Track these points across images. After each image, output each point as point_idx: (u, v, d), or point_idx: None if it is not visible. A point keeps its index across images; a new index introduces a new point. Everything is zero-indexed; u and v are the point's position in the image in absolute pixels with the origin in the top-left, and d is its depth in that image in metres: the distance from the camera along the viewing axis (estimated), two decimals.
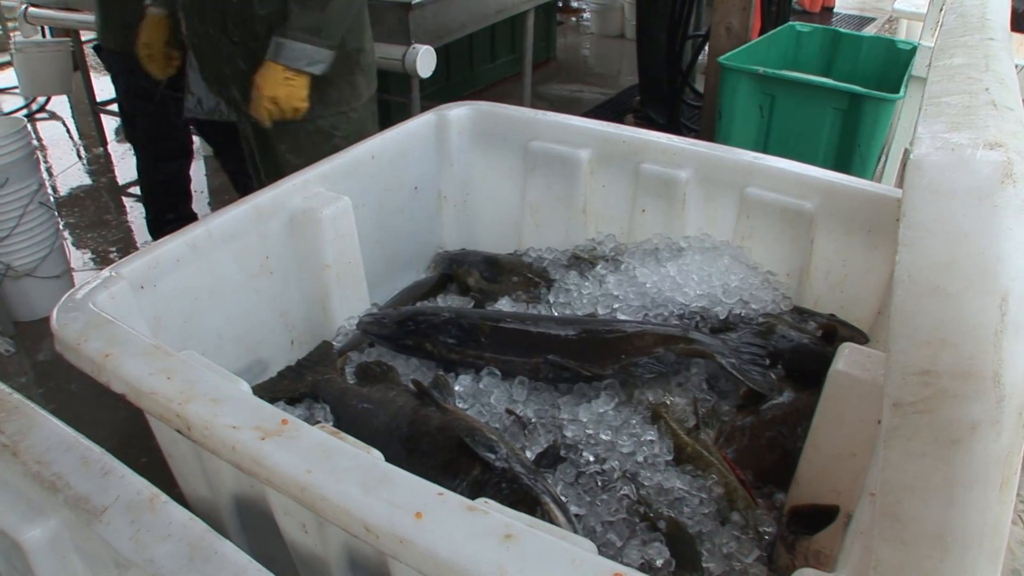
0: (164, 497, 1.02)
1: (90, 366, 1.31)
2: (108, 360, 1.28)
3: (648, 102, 5.06)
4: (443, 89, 3.92)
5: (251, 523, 1.39)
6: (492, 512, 0.94)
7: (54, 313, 1.42)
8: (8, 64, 7.01)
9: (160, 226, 3.67)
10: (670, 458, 1.47)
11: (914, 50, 3.20)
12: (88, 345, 1.32)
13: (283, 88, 2.21)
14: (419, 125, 2.13)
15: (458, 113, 2.17)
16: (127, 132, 3.72)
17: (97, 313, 1.40)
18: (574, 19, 8.11)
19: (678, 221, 1.98)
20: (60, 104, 6.18)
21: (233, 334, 1.75)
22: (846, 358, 1.36)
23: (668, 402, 1.56)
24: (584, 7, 8.31)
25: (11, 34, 6.68)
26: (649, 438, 1.49)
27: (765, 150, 1.97)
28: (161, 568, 0.93)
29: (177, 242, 1.61)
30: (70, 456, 1.11)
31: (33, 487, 1.10)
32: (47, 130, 5.83)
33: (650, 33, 4.81)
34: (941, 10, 1.30)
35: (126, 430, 1.32)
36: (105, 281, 1.51)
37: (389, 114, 4.69)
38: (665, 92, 4.86)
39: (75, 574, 1.13)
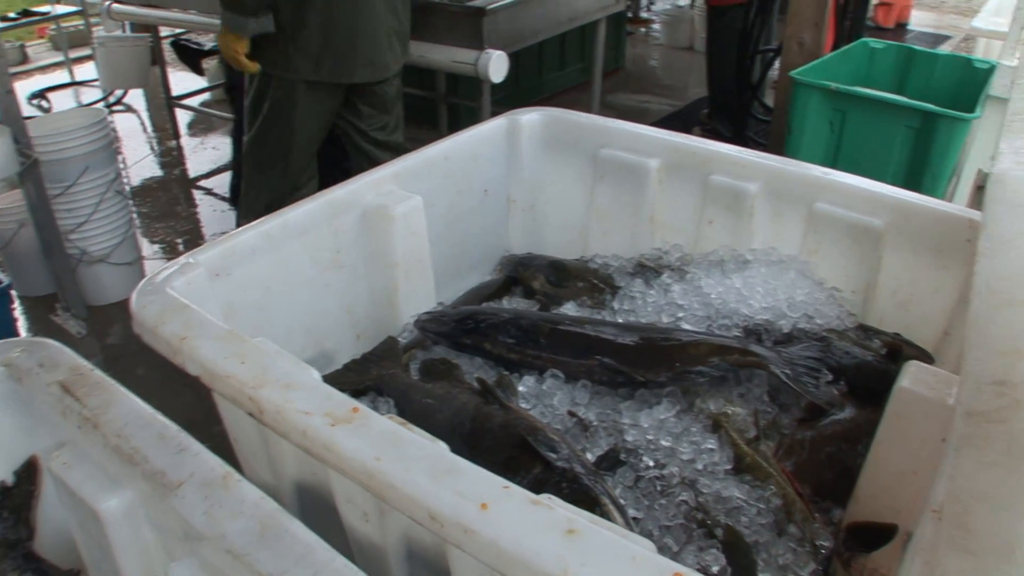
0: (237, 476, 1.06)
1: (166, 348, 1.35)
2: (184, 343, 1.32)
3: (716, 115, 5.05)
4: (512, 95, 3.95)
5: (310, 510, 1.42)
6: (556, 507, 0.96)
7: (134, 296, 1.46)
8: (90, 57, 7.21)
9: None
10: (729, 467, 1.47)
11: (992, 69, 3.15)
12: (165, 328, 1.36)
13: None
14: (491, 129, 2.16)
15: (530, 118, 2.19)
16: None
17: (174, 297, 1.44)
18: (643, 30, 8.11)
19: (745, 233, 1.98)
20: (136, 98, 6.34)
21: (301, 325, 1.79)
22: (912, 376, 1.35)
23: (729, 412, 1.56)
24: (654, 18, 8.31)
25: (93, 29, 6.85)
26: (709, 446, 1.49)
27: (834, 166, 1.96)
28: (232, 543, 0.96)
29: (253, 233, 1.66)
30: (148, 431, 1.15)
31: (112, 459, 1.14)
32: (123, 122, 5.98)
33: (720, 46, 4.80)
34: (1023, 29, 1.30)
35: (188, 415, 1.35)
36: (182, 267, 1.56)
37: (459, 117, 4.74)
38: (734, 105, 4.84)
39: (146, 544, 1.18)
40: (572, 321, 1.73)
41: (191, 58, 6.09)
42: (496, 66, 3.27)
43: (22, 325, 3.49)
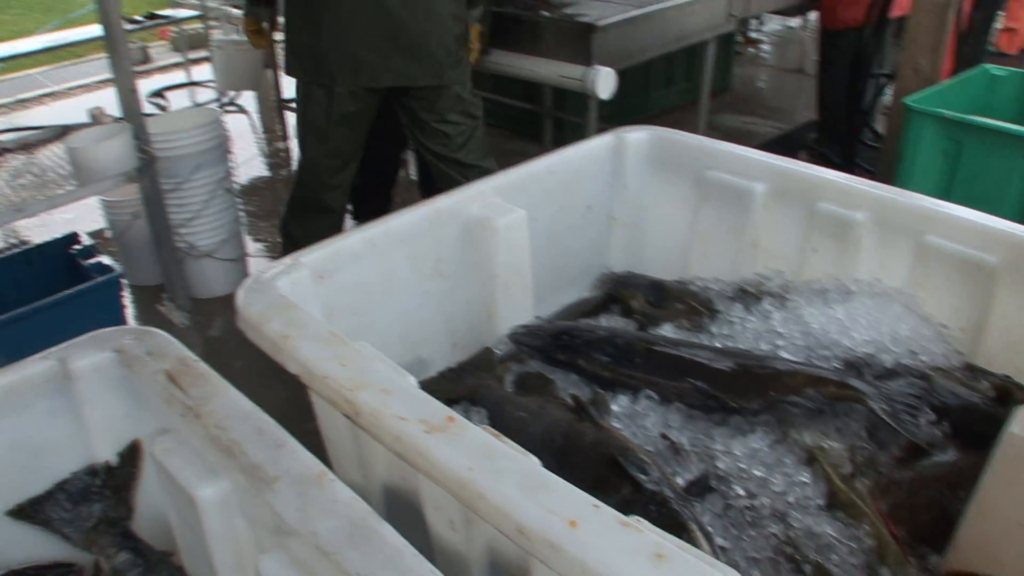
0: (331, 475, 1.08)
1: (269, 345, 1.39)
2: (287, 342, 1.35)
3: (824, 140, 4.95)
4: (617, 112, 3.93)
5: (397, 513, 1.44)
6: (645, 530, 0.95)
7: (240, 292, 1.50)
8: (207, 59, 7.45)
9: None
10: (822, 503, 1.44)
11: None
12: (269, 326, 1.40)
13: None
14: (597, 146, 2.16)
15: (636, 137, 2.19)
16: None
17: (280, 296, 1.48)
18: (752, 50, 8.00)
19: (850, 263, 1.93)
20: (248, 99, 6.51)
21: (400, 330, 1.81)
22: (1023, 421, 1.30)
23: (825, 446, 1.53)
24: (763, 38, 8.19)
25: (211, 32, 7.07)
26: (802, 479, 1.46)
27: (947, 198, 1.90)
28: (322, 541, 0.98)
29: (357, 238, 1.69)
30: (247, 425, 1.19)
31: (211, 450, 1.18)
32: (234, 122, 6.14)
33: (831, 69, 4.70)
34: None
35: (283, 411, 1.39)
36: (288, 267, 1.59)
37: (564, 132, 4.75)
38: (843, 131, 4.74)
39: (238, 533, 1.20)
40: (668, 343, 1.72)
41: None
42: (604, 83, 3.27)
43: (130, 313, 3.60)
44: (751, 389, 1.58)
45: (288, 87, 5.88)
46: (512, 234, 1.85)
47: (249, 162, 5.37)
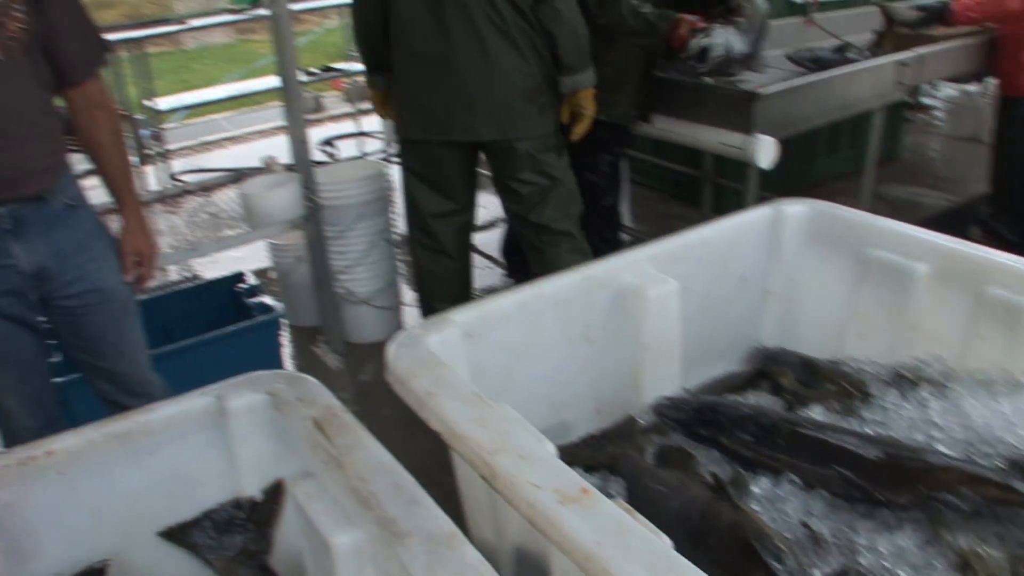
0: (462, 537, 1.09)
1: (414, 401, 1.42)
2: (431, 399, 1.38)
3: (998, 215, 4.72)
4: (779, 178, 3.85)
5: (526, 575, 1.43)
6: None
7: (391, 346, 1.55)
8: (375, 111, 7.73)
9: None
10: None
11: None
12: (416, 382, 1.43)
13: None
14: (754, 218, 2.13)
15: (795, 210, 2.14)
16: None
17: (428, 353, 1.51)
18: (924, 116, 7.75)
19: (1020, 355, 1.83)
20: None
21: (544, 392, 1.82)
22: None
23: (982, 553, 1.43)
24: (937, 105, 7.92)
25: None
26: None
27: None
28: None
29: (508, 300, 1.71)
30: (385, 479, 1.21)
31: (349, 499, 1.21)
32: (396, 173, 6.32)
33: (1010, 139, 4.50)
34: None
35: (425, 461, 1.42)
36: (439, 324, 1.63)
37: (724, 198, 4.70)
38: (1020, 207, 4.52)
39: None
40: (815, 425, 1.66)
41: None
42: (764, 152, 3.22)
43: (287, 351, 3.73)
44: (901, 482, 1.50)
45: None
46: (663, 305, 1.84)
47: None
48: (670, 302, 1.85)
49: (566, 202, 3.16)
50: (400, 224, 5.13)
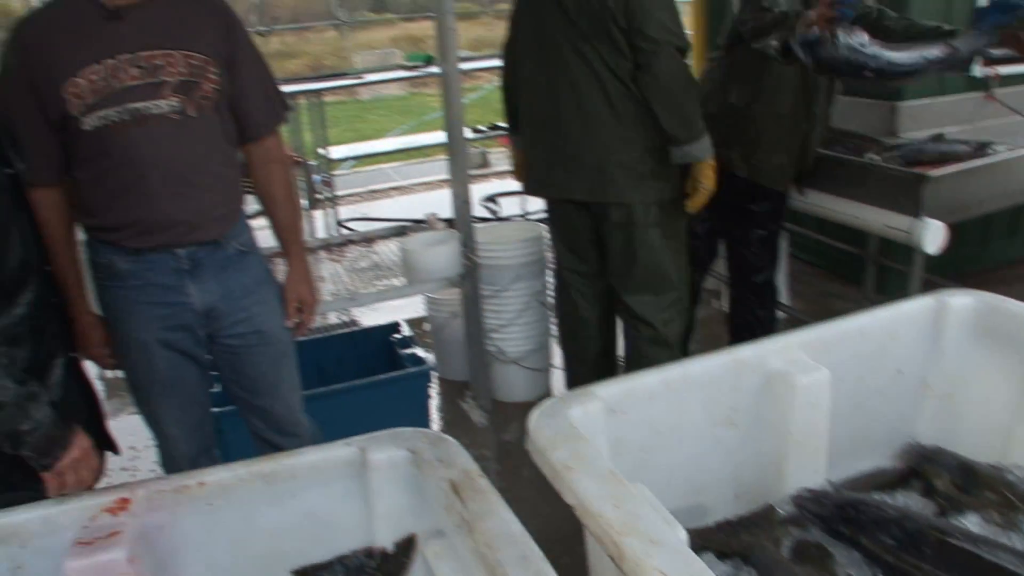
0: None
1: (551, 472, 1.44)
2: (568, 473, 1.39)
3: None
4: (948, 261, 3.69)
5: None
6: None
7: (534, 414, 1.57)
8: None
9: None
10: None
11: None
12: (555, 453, 1.45)
13: None
14: (915, 308, 2.06)
15: (961, 302, 2.06)
16: None
17: (570, 425, 1.53)
18: None
19: None
20: None
21: (683, 473, 1.80)
22: None
23: None
24: None
25: None
26: None
27: None
28: None
29: (654, 378, 1.72)
30: (514, 549, 1.23)
31: (477, 565, 1.23)
32: None
33: None
34: None
35: (559, 527, 1.43)
36: (582, 397, 1.65)
37: (887, 279, 4.54)
38: None
39: None
40: (968, 537, 1.58)
41: None
42: (932, 237, 3.11)
43: (434, 403, 3.80)
44: None
45: None
46: (813, 393, 1.80)
47: None
48: (820, 391, 1.81)
49: (656, 285, 3.03)
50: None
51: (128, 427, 2.55)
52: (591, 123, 2.86)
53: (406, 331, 3.63)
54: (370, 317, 4.33)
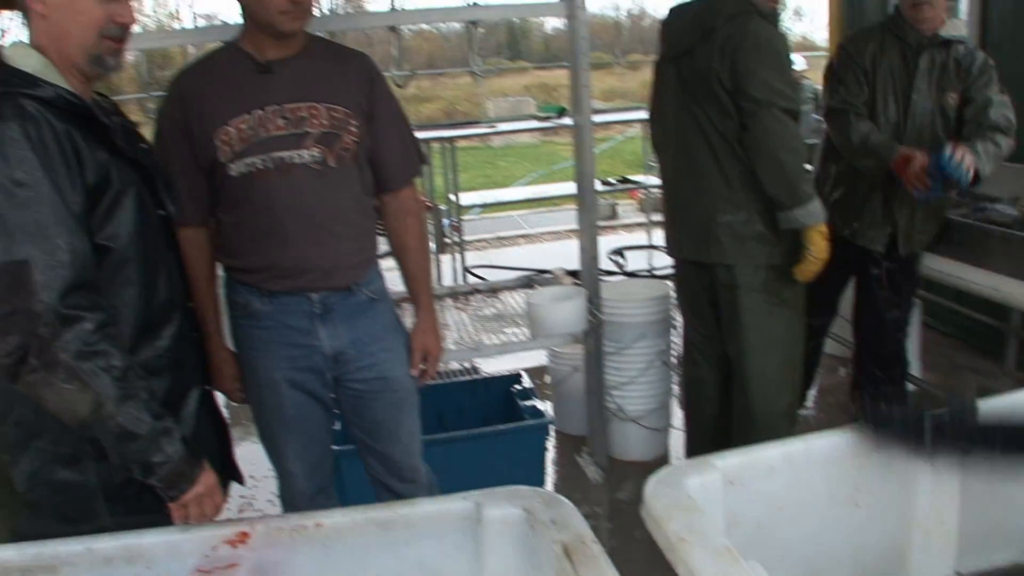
0: None
1: (665, 543, 1.42)
2: (681, 544, 1.37)
3: None
4: None
5: None
6: None
7: (650, 482, 1.56)
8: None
9: None
10: None
11: None
12: (669, 524, 1.43)
13: None
14: None
15: None
16: None
17: (687, 497, 1.51)
18: None
19: None
20: None
21: (801, 552, 1.75)
22: None
23: None
24: None
25: None
26: None
27: None
28: None
29: (774, 451, 1.68)
30: None
31: None
32: None
33: None
34: None
35: None
36: (700, 467, 1.62)
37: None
38: None
39: None
40: None
41: None
42: None
43: (550, 456, 3.80)
44: None
45: None
46: (942, 477, 1.74)
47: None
48: (949, 475, 1.75)
49: (762, 351, 2.95)
50: (678, 344, 5.17)
51: (249, 456, 2.63)
52: (700, 183, 2.87)
53: (527, 382, 3.65)
54: (491, 363, 4.37)
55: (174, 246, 1.95)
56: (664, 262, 7.04)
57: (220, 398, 2.23)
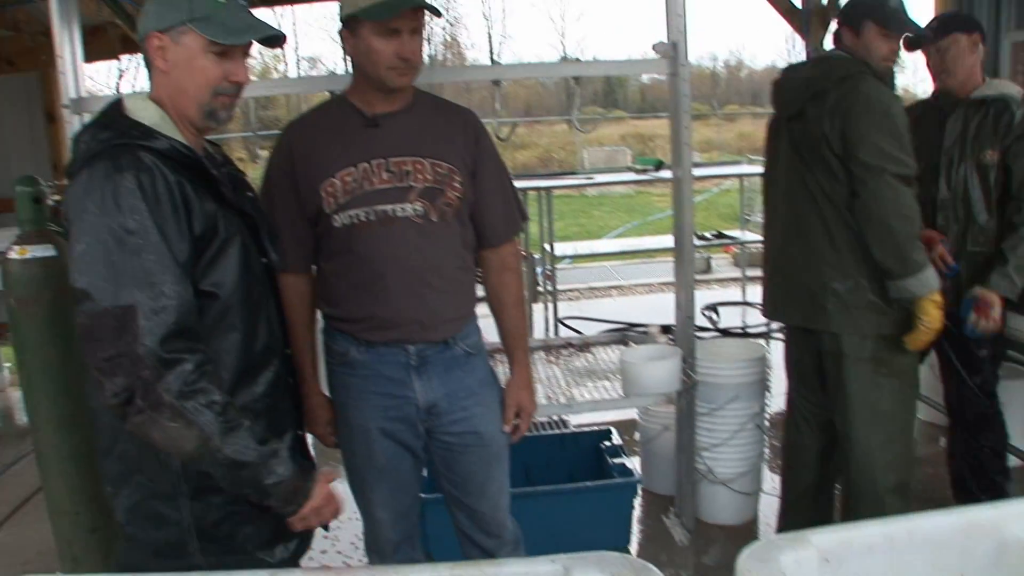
0: None
1: None
2: None
3: None
4: None
5: None
6: None
7: (743, 556, 1.51)
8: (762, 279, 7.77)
9: None
10: None
11: None
12: None
13: None
14: None
15: None
16: None
17: (780, 573, 1.46)
18: None
19: None
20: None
21: None
22: None
23: None
24: None
25: None
26: None
27: None
28: None
29: (874, 529, 1.62)
30: None
31: None
32: (774, 348, 6.21)
33: None
34: None
35: None
36: (795, 542, 1.57)
37: None
38: None
39: None
40: None
41: None
42: None
43: (636, 514, 3.74)
44: None
45: None
46: None
47: (783, 395, 5.36)
48: None
49: (870, 423, 2.84)
50: (773, 404, 5.06)
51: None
52: (808, 249, 2.82)
53: (616, 439, 3.62)
54: (581, 416, 4.34)
55: (275, 293, 2.00)
56: (758, 320, 6.97)
57: (309, 438, 2.26)
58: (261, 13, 2.05)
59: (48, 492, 2.88)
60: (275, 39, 1.86)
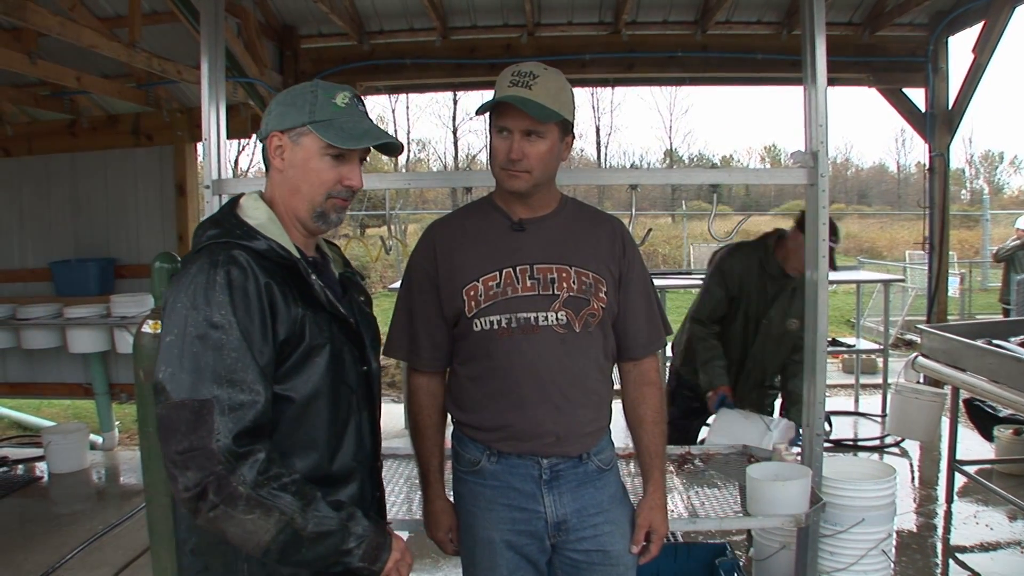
0: None
1: None
2: None
3: None
4: None
5: None
6: None
7: None
8: (874, 386, 7.54)
9: None
10: None
11: None
12: None
13: None
14: None
15: None
16: None
17: None
18: None
19: None
20: (910, 444, 6.34)
21: None
22: None
23: None
24: None
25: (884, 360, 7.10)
26: None
27: None
28: None
29: None
30: None
31: None
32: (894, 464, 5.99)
33: None
34: None
35: None
36: None
37: None
38: None
39: None
40: None
41: (983, 421, 5.94)
42: None
43: None
44: None
45: (966, 446, 5.57)
46: None
47: (900, 516, 5.10)
48: None
49: None
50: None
51: None
52: None
53: (731, 554, 3.47)
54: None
55: (372, 402, 1.96)
56: (871, 432, 6.71)
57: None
58: (379, 99, 2.06)
59: (155, 556, 2.93)
60: (392, 147, 1.87)
